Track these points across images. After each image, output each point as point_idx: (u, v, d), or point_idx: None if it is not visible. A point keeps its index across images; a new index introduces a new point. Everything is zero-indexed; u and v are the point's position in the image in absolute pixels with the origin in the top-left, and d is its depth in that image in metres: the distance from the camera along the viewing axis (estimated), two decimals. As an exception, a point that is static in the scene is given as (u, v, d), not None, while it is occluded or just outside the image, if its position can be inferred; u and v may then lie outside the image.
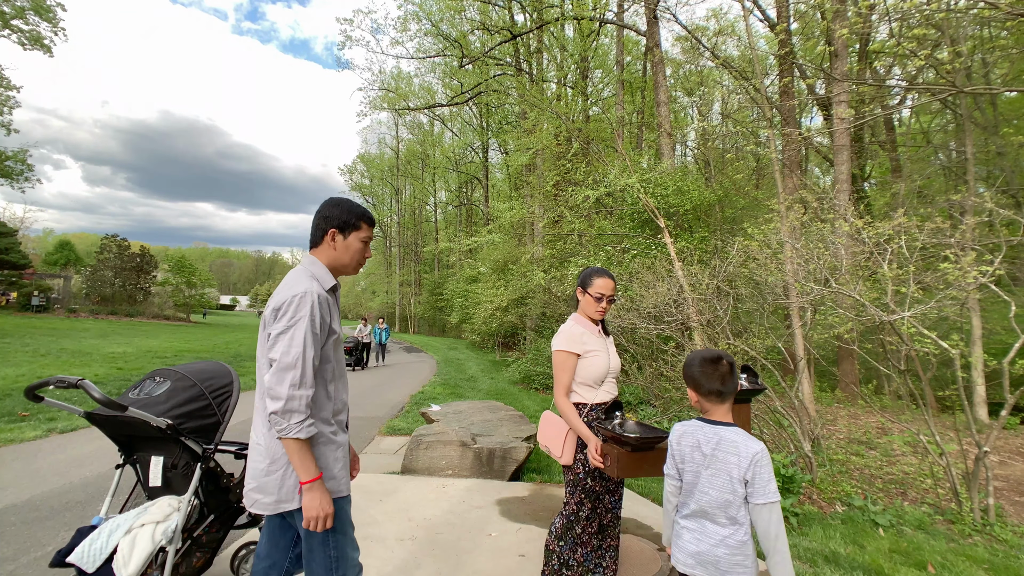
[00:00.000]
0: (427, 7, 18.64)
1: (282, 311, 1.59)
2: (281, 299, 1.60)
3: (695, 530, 1.70)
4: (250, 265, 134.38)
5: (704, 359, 1.75)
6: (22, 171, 23.42)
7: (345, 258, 1.79)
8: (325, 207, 1.79)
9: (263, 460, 1.67)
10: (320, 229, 1.77)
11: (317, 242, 1.78)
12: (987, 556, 3.42)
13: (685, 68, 20.27)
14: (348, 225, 1.77)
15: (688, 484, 1.74)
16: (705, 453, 1.68)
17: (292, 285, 1.63)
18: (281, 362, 1.55)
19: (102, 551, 2.03)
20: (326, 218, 1.76)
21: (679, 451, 1.78)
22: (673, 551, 1.78)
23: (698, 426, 1.75)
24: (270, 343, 1.60)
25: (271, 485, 1.65)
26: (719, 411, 1.73)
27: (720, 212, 11.96)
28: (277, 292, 1.66)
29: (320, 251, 1.78)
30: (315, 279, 1.69)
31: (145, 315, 31.05)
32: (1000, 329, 7.99)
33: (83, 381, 1.91)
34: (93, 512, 3.54)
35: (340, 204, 1.79)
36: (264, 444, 1.68)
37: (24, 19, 20.28)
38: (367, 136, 50.03)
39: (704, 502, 1.67)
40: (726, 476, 1.62)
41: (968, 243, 4.53)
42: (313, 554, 1.68)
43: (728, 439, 1.66)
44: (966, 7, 6.12)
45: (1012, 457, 6.11)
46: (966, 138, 9.11)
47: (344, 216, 1.77)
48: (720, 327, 5.90)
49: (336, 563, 1.68)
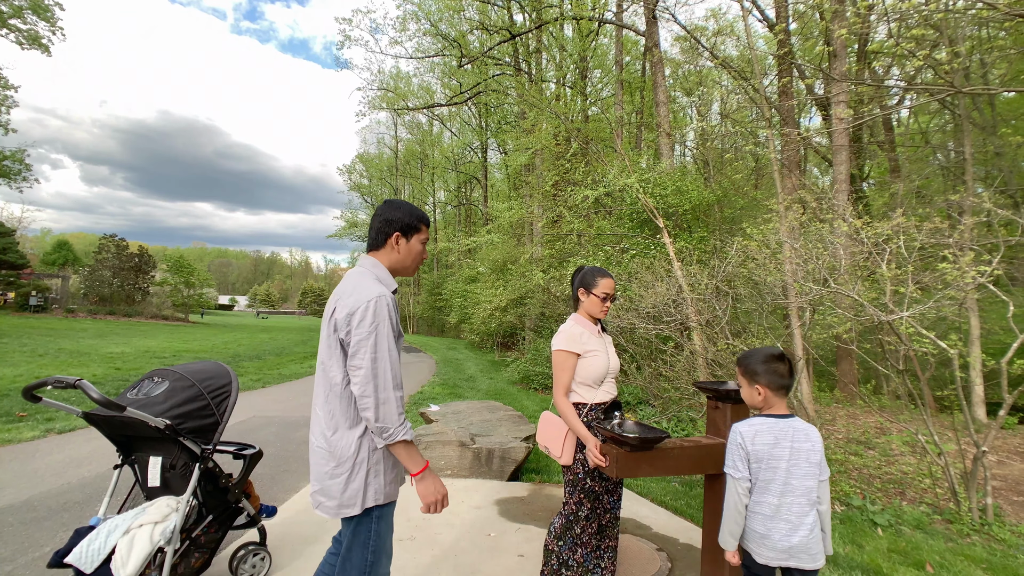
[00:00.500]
0: (426, 7, 18.64)
1: (359, 317, 1.57)
2: (355, 304, 1.59)
3: (789, 522, 1.76)
4: (249, 265, 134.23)
5: (772, 356, 1.88)
6: (20, 171, 23.37)
7: (407, 260, 1.81)
8: (387, 210, 1.79)
9: (327, 463, 1.66)
10: (383, 232, 1.77)
11: (379, 245, 1.79)
12: (985, 556, 3.43)
13: (684, 68, 20.27)
14: (410, 228, 1.79)
15: (765, 481, 1.79)
16: (787, 447, 1.78)
17: (363, 290, 1.62)
18: (368, 369, 1.56)
19: (100, 552, 2.03)
20: (389, 221, 1.77)
21: (754, 451, 1.81)
22: (756, 550, 1.81)
23: (770, 423, 1.83)
24: (352, 350, 1.59)
25: (334, 489, 1.64)
26: (783, 405, 1.86)
27: (719, 212, 11.96)
28: (346, 296, 1.64)
29: (382, 254, 1.79)
30: (380, 282, 1.70)
31: (143, 315, 31.00)
32: (998, 329, 8.00)
33: (81, 381, 1.90)
34: (91, 513, 3.53)
35: (401, 207, 1.80)
36: (326, 447, 1.66)
37: (22, 18, 20.25)
38: (366, 136, 49.98)
39: (792, 494, 1.77)
40: (807, 463, 1.78)
41: (966, 243, 4.54)
42: (351, 554, 1.68)
43: (799, 428, 1.81)
44: (964, 7, 6.12)
45: (1010, 457, 6.12)
46: (964, 138, 9.13)
47: (407, 219, 1.78)
48: (719, 327, 5.90)
49: (371, 568, 1.69)
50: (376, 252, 1.80)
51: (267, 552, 2.75)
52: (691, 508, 3.94)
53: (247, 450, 2.70)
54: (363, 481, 1.63)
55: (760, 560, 1.81)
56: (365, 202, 47.60)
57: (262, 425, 6.58)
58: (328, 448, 1.66)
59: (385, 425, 1.56)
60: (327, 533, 3.29)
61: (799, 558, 1.76)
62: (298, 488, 4.24)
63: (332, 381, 1.65)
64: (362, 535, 1.67)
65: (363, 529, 1.67)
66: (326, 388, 1.68)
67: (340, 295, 1.66)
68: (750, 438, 1.82)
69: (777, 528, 1.77)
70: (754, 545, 1.82)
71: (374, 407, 1.55)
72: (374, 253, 1.80)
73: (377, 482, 1.66)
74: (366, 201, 47.53)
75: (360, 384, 1.56)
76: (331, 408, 1.66)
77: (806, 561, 1.76)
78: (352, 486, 1.63)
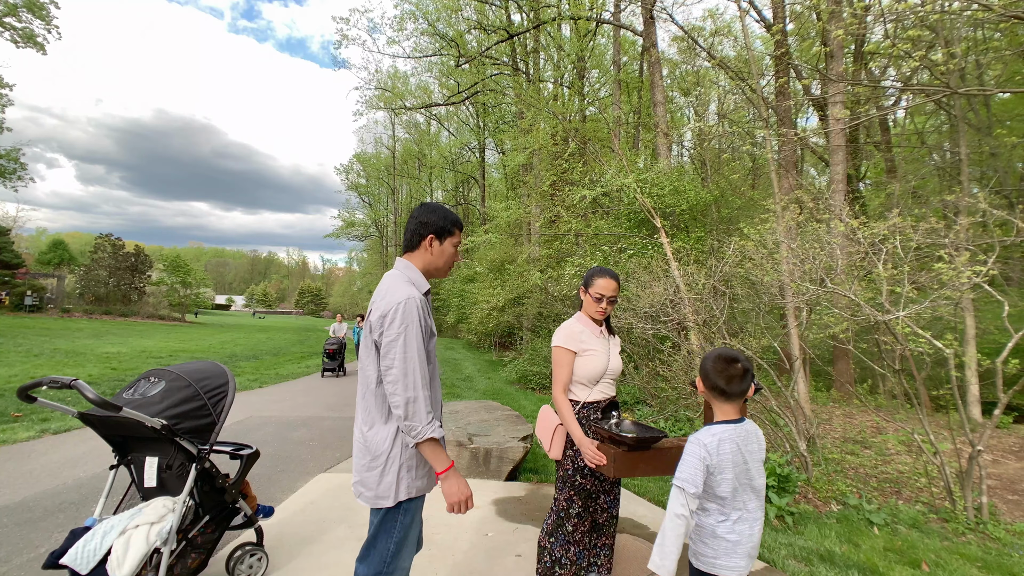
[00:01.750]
0: (423, 6, 18.60)
1: (389, 319, 1.63)
2: (387, 307, 1.65)
3: (751, 522, 1.72)
4: (246, 264, 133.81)
5: (720, 357, 1.76)
6: (15, 170, 23.25)
7: (440, 262, 1.86)
8: (423, 213, 1.84)
9: (364, 456, 1.74)
10: (418, 235, 1.82)
11: (414, 247, 1.84)
12: (980, 554, 3.45)
13: (682, 68, 20.30)
14: (444, 231, 1.84)
15: (732, 490, 1.69)
16: (745, 452, 1.73)
17: (394, 292, 1.69)
18: (398, 369, 1.61)
19: (96, 552, 2.02)
20: (424, 224, 1.82)
21: (719, 462, 1.68)
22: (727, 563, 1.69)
23: (730, 430, 1.72)
24: (383, 351, 1.65)
25: (371, 480, 1.72)
26: (727, 410, 1.75)
27: (716, 212, 11.99)
28: (380, 299, 1.71)
29: (415, 255, 1.84)
30: (412, 284, 1.76)
31: (140, 315, 30.88)
32: (993, 329, 8.04)
33: (77, 381, 1.90)
34: (87, 513, 3.52)
35: (436, 210, 1.85)
36: (363, 441, 1.75)
37: (17, 16, 20.13)
38: (363, 135, 49.84)
39: (755, 495, 1.75)
40: (758, 463, 1.76)
41: (962, 243, 4.56)
42: (376, 541, 1.74)
43: (751, 431, 1.77)
44: (960, 9, 6.15)
45: (1005, 456, 6.16)
46: (960, 139, 9.16)
47: (441, 222, 1.83)
48: (716, 327, 5.91)
49: (392, 557, 1.73)
50: (410, 254, 1.85)
51: (264, 552, 2.74)
52: (688, 507, 3.95)
53: (244, 450, 2.69)
54: (396, 476, 1.69)
55: (722, 571, 1.70)
56: (363, 202, 47.51)
57: (259, 425, 6.56)
58: (364, 443, 1.74)
59: (413, 423, 1.61)
60: (324, 533, 3.29)
61: (752, 558, 1.73)
62: (295, 488, 4.23)
63: (368, 379, 1.74)
64: (388, 524, 1.73)
65: (390, 520, 1.73)
66: (364, 386, 1.76)
67: (375, 298, 1.75)
68: (714, 449, 1.68)
69: (744, 532, 1.71)
70: (725, 559, 1.70)
71: (403, 405, 1.61)
72: (408, 255, 1.85)
73: (409, 476, 1.71)
74: (363, 201, 47.44)
75: (391, 383, 1.62)
76: (367, 404, 1.75)
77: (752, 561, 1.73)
78: (386, 480, 1.69)
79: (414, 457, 1.73)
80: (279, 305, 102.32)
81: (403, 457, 1.71)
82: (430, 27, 18.58)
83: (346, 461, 5.17)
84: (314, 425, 6.67)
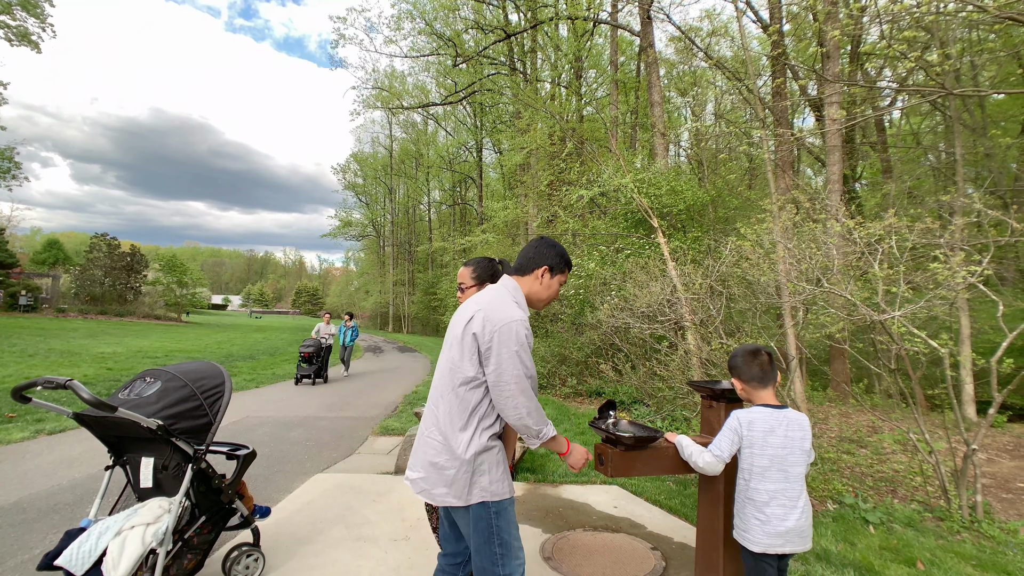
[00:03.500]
0: (421, 6, 18.56)
1: (506, 335, 1.73)
2: (502, 323, 1.75)
3: (785, 506, 1.87)
4: (242, 264, 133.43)
5: (747, 352, 2.03)
6: (9, 169, 23.12)
7: (543, 294, 1.96)
8: (543, 245, 1.97)
9: (439, 455, 1.78)
10: (533, 262, 1.94)
11: (526, 272, 1.95)
12: (975, 552, 3.47)
13: (679, 68, 20.32)
14: (557, 268, 1.97)
15: (762, 468, 1.90)
16: (781, 435, 1.90)
17: (506, 309, 1.79)
18: (516, 385, 1.71)
19: (91, 553, 2.01)
20: (542, 255, 1.95)
21: (748, 436, 1.92)
22: (754, 538, 1.89)
23: (766, 412, 1.94)
24: (495, 364, 1.73)
25: (443, 480, 1.77)
26: (771, 396, 1.99)
27: (713, 212, 12.02)
28: (489, 311, 1.78)
29: (525, 281, 1.95)
30: (519, 306, 1.86)
31: (135, 315, 30.75)
32: (988, 328, 8.08)
33: (72, 382, 1.89)
34: (82, 514, 3.50)
35: (556, 247, 1.98)
36: (441, 441, 1.79)
37: (11, 14, 19.99)
38: (361, 135, 49.79)
39: (789, 480, 1.89)
40: (800, 451, 1.91)
41: (957, 243, 4.58)
42: (480, 548, 1.79)
43: (792, 418, 1.94)
44: (955, 10, 6.18)
45: (999, 455, 6.19)
46: (955, 139, 9.21)
47: (557, 259, 1.96)
48: (713, 326, 5.93)
49: (501, 560, 1.78)
50: (520, 278, 1.95)
51: (261, 553, 2.74)
52: (685, 507, 3.96)
53: (240, 450, 2.68)
54: (470, 477, 1.75)
55: (758, 548, 1.88)
56: (360, 201, 47.45)
57: (256, 425, 6.54)
58: (443, 442, 1.79)
59: (538, 428, 1.75)
60: (321, 534, 3.28)
61: (793, 542, 1.86)
62: (292, 488, 4.22)
63: (460, 379, 1.78)
64: (482, 528, 1.78)
65: (482, 523, 1.78)
66: (452, 385, 1.80)
67: (481, 306, 1.81)
68: (747, 423, 1.93)
69: (775, 513, 1.86)
70: (752, 533, 1.90)
71: (527, 414, 1.72)
72: (518, 278, 1.95)
73: (483, 480, 1.76)
74: (361, 200, 47.37)
75: (508, 396, 1.72)
76: (450, 406, 1.80)
77: (798, 544, 1.87)
78: (460, 479, 1.75)
79: (486, 461, 1.78)
80: (276, 305, 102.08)
81: (476, 461, 1.76)
82: (427, 27, 18.55)
83: (343, 461, 5.16)
84: (311, 425, 6.65)
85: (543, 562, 2.98)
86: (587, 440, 5.77)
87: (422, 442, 1.86)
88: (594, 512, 3.83)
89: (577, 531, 3.45)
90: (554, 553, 3.10)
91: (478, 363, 1.76)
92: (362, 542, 3.17)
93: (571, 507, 3.91)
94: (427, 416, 1.89)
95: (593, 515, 3.77)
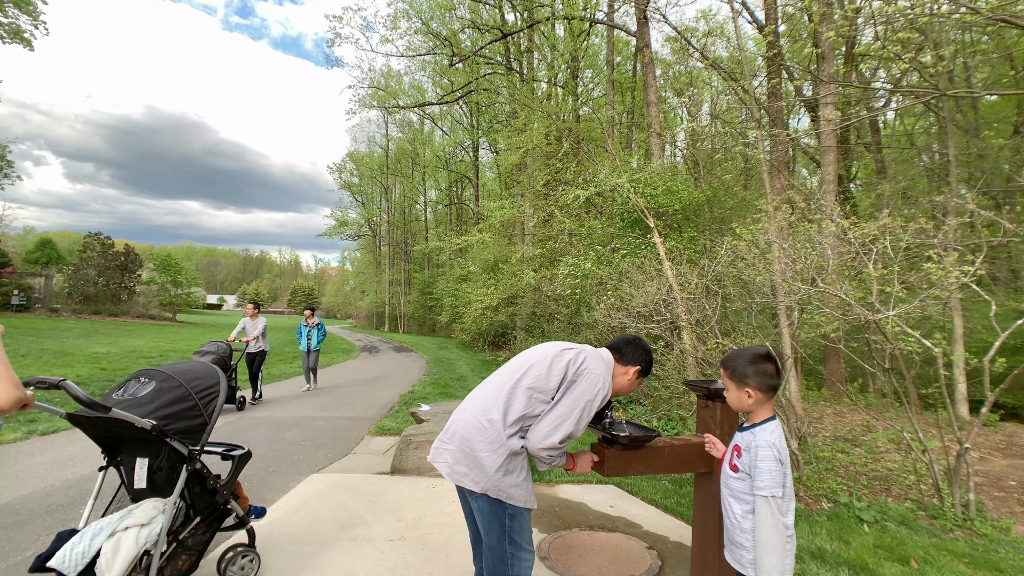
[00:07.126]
0: (417, 5, 18.53)
1: (592, 380, 1.94)
2: (597, 372, 1.96)
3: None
4: (237, 264, 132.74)
5: (759, 356, 1.80)
6: (1, 167, 22.92)
7: (620, 384, 2.12)
8: (641, 345, 2.15)
9: (481, 433, 1.91)
10: (628, 357, 2.12)
11: (622, 360, 2.12)
12: (968, 550, 3.49)
13: (675, 69, 20.36)
14: (642, 371, 2.15)
15: (790, 487, 1.71)
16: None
17: (602, 368, 2.00)
18: (570, 421, 1.88)
19: (85, 555, 1.99)
20: (639, 357, 2.13)
21: (785, 456, 1.70)
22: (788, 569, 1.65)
23: (778, 423, 1.81)
24: (567, 396, 1.92)
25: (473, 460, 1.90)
26: (770, 405, 1.83)
27: (709, 212, 12.04)
28: (590, 360, 2.00)
29: (619, 367, 2.12)
30: (610, 375, 2.05)
31: (130, 314, 30.54)
32: (981, 328, 8.15)
33: (65, 382, 1.87)
34: (75, 516, 3.47)
35: (649, 352, 2.16)
36: (488, 423, 1.92)
37: (3, 12, 19.83)
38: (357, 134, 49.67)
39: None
40: None
41: (950, 243, 4.61)
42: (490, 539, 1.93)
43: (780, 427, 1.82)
44: (948, 12, 6.22)
45: (992, 453, 6.24)
46: (949, 140, 9.27)
47: (645, 363, 2.14)
48: (709, 326, 5.95)
49: (512, 558, 1.92)
50: (617, 360, 2.12)
51: (256, 554, 2.72)
52: (681, 506, 3.97)
53: (235, 451, 2.67)
54: (496, 467, 1.87)
55: None
56: (356, 201, 47.26)
57: (251, 425, 6.52)
58: (491, 426, 1.91)
59: (551, 455, 1.91)
60: (317, 534, 3.27)
61: None
62: (287, 489, 4.20)
63: (536, 384, 1.94)
64: (496, 525, 1.91)
65: (496, 517, 1.91)
66: (522, 385, 1.95)
67: (583, 349, 2.05)
68: (782, 446, 1.69)
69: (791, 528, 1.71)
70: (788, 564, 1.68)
71: (553, 447, 1.87)
72: (616, 358, 2.12)
73: (506, 480, 1.88)
74: (357, 200, 47.19)
75: (553, 421, 1.88)
76: (511, 399, 1.94)
77: None
78: (489, 464, 1.87)
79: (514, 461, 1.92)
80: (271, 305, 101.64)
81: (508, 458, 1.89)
82: (424, 26, 18.53)
83: (339, 461, 5.14)
84: (306, 425, 6.63)
85: (539, 562, 2.98)
86: (583, 440, 5.77)
87: (465, 423, 1.98)
88: (590, 511, 3.83)
89: (573, 530, 3.46)
90: (551, 552, 3.10)
91: (558, 384, 1.93)
92: (358, 542, 3.17)
93: (567, 506, 3.91)
94: (478, 400, 2.02)
95: (589, 514, 3.77)
